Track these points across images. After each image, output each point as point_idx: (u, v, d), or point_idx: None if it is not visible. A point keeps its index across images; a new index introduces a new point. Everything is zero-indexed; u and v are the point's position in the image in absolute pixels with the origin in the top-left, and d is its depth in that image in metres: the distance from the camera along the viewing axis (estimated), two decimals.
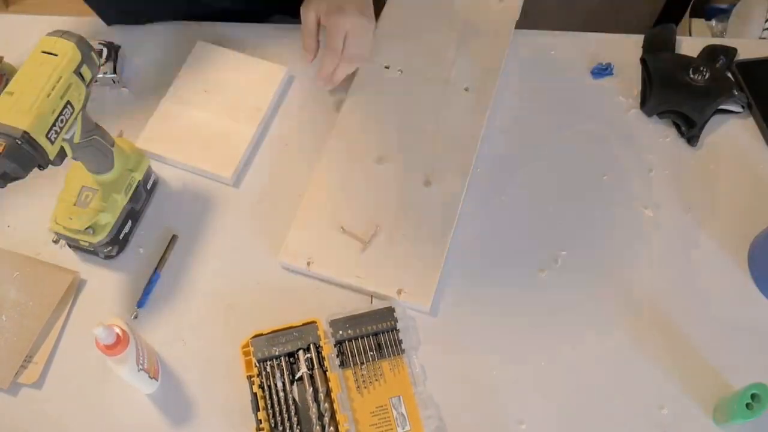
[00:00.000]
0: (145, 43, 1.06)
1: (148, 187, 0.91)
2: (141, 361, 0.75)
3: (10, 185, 0.69)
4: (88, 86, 0.75)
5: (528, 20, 1.11)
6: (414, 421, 0.80)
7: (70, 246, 0.89)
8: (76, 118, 0.74)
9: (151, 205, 0.93)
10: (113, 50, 1.01)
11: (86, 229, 0.83)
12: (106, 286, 0.88)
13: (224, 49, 1.03)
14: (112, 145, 0.83)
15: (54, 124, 0.70)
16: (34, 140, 0.67)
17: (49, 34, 0.73)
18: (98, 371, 0.82)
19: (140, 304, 0.86)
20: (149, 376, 0.78)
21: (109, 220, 0.84)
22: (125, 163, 0.86)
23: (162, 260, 0.89)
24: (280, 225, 0.91)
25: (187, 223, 0.92)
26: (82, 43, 0.73)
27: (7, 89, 0.69)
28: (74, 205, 0.84)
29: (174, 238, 0.91)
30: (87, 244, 0.85)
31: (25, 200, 0.93)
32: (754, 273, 0.90)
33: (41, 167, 0.71)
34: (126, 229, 0.88)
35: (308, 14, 0.94)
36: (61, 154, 0.74)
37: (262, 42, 1.06)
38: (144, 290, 0.87)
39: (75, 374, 0.83)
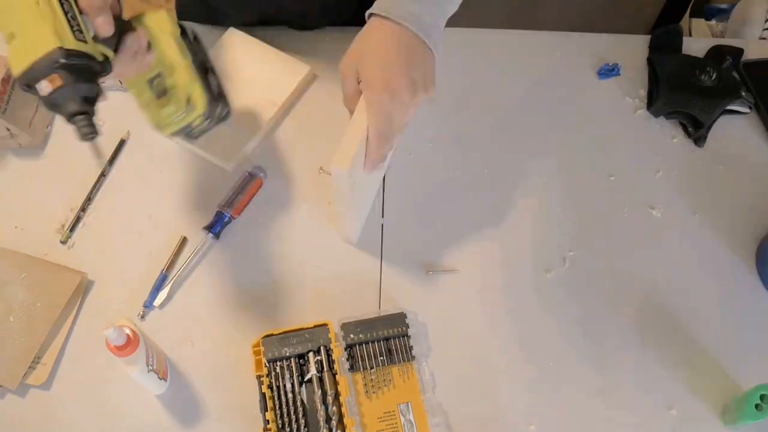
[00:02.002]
0: None
1: (192, 38, 0.79)
2: (151, 362, 0.75)
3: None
4: None
5: (530, 21, 1.12)
6: (422, 429, 0.79)
7: (185, 136, 0.79)
8: (80, 11, 0.64)
9: (162, 203, 0.93)
10: None
11: (187, 106, 0.75)
12: (113, 286, 0.88)
13: (253, 38, 1.03)
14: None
15: (68, 19, 0.61)
16: (71, 48, 0.60)
17: None
18: (106, 372, 0.82)
19: (148, 304, 0.86)
20: (159, 377, 0.78)
21: (188, 84, 0.75)
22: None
23: (170, 261, 0.88)
24: (282, 226, 0.91)
25: (194, 223, 0.92)
26: None
27: (4, 36, 0.61)
28: (157, 99, 0.76)
29: (184, 240, 0.90)
30: (199, 120, 0.77)
31: (33, 201, 0.93)
32: (762, 273, 0.90)
33: (100, 72, 0.64)
34: (213, 84, 0.79)
35: (348, 77, 0.76)
36: (104, 59, 0.66)
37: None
38: (151, 291, 0.87)
39: (83, 375, 0.83)
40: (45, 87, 0.60)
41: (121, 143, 0.97)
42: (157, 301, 0.86)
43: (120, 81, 1.00)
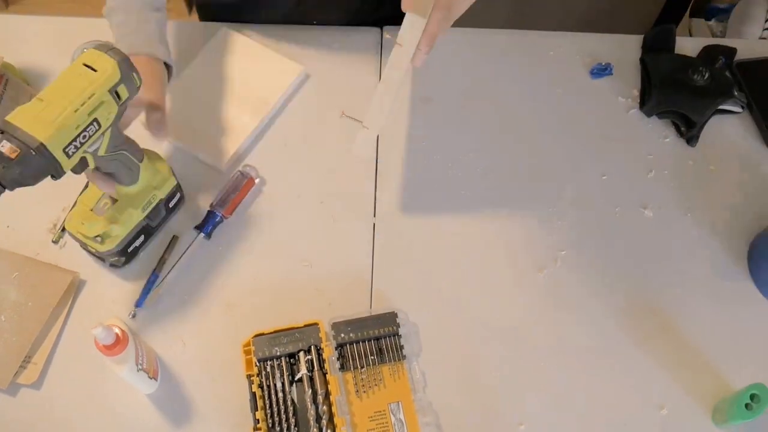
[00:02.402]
0: None
1: (171, 205, 0.90)
2: (140, 361, 0.75)
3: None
4: (122, 105, 0.73)
5: (526, 20, 1.12)
6: (412, 428, 0.79)
7: (81, 247, 0.88)
8: (103, 134, 0.73)
9: None
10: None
11: (95, 237, 0.82)
12: (105, 286, 0.88)
13: (246, 38, 1.04)
14: (141, 161, 0.82)
15: (75, 139, 0.69)
16: (50, 153, 0.66)
17: (96, 47, 0.71)
18: (97, 371, 0.82)
19: (139, 304, 0.86)
20: (149, 376, 0.78)
21: (119, 233, 0.83)
22: (151, 180, 0.85)
23: (161, 261, 0.89)
24: (274, 225, 0.91)
25: (185, 222, 0.92)
26: (124, 63, 0.71)
27: (39, 95, 0.68)
28: (90, 210, 0.83)
29: (174, 238, 0.90)
30: (94, 250, 0.84)
31: (25, 200, 0.92)
32: (754, 273, 0.90)
33: (54, 177, 0.70)
34: (137, 243, 0.87)
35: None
36: (83, 164, 0.73)
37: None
38: (143, 290, 0.87)
39: (74, 374, 0.83)
40: None
41: None
42: (149, 301, 0.86)
43: None
